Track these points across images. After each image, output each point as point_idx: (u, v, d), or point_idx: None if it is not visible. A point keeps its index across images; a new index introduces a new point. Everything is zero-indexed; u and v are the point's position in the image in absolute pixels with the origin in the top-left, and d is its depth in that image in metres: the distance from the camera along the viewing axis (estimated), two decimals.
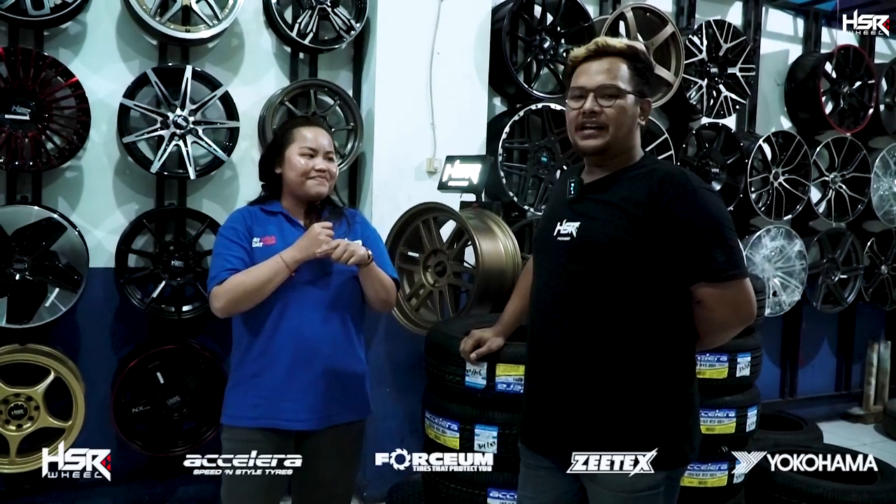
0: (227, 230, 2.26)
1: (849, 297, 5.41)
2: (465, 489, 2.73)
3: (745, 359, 3.17)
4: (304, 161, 2.25)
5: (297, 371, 2.20)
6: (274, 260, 2.15)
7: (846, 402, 5.94)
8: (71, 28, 3.48)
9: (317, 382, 2.22)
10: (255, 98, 3.79)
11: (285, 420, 2.21)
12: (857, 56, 5.25)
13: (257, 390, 2.21)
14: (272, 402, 2.19)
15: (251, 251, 2.22)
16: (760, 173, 4.98)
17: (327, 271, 2.25)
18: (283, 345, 2.19)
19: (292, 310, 2.20)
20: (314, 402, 2.22)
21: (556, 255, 1.92)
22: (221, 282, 2.15)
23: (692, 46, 4.58)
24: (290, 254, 2.15)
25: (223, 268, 2.17)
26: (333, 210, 2.36)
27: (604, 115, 1.85)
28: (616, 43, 1.88)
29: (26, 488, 3.46)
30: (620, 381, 1.82)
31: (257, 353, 2.21)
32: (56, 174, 3.48)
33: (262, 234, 2.25)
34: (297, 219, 2.31)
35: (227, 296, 2.14)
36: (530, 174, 4.10)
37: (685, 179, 1.81)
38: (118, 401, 3.39)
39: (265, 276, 2.14)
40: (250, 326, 2.23)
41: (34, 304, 3.20)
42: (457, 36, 3.91)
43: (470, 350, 2.46)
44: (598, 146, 1.87)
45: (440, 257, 3.38)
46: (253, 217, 2.29)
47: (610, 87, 1.84)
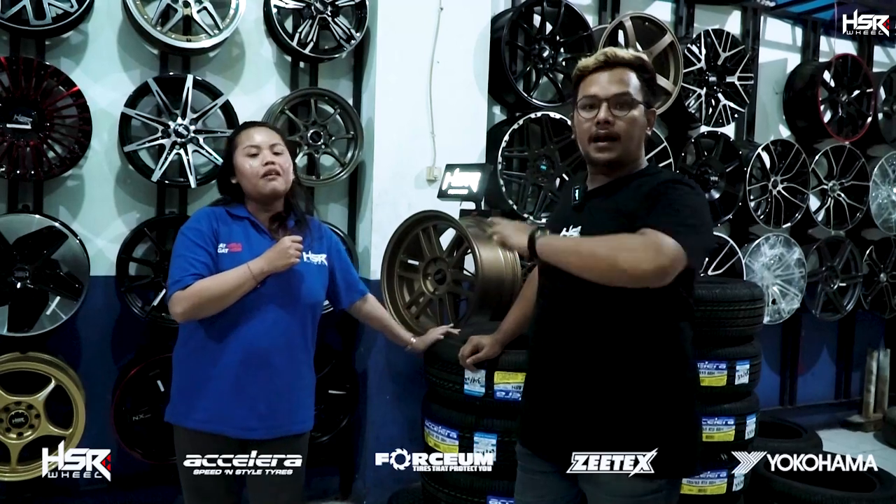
0: (190, 231, 2.22)
1: (848, 305, 5.41)
2: (464, 497, 2.73)
3: (743, 366, 3.17)
4: (251, 161, 2.23)
5: (247, 380, 2.19)
6: (241, 270, 2.14)
7: (846, 410, 5.93)
8: (73, 38, 3.50)
9: (267, 393, 2.20)
10: (256, 107, 3.81)
11: (234, 428, 2.21)
12: (856, 65, 5.27)
13: (207, 394, 2.20)
14: (222, 408, 2.19)
15: (216, 257, 2.20)
16: (759, 181, 5.00)
17: (290, 284, 2.24)
18: (235, 353, 2.18)
19: (250, 319, 2.19)
20: (263, 412, 2.21)
21: None
22: (185, 287, 2.13)
23: (691, 55, 4.60)
24: (258, 265, 2.14)
25: (187, 272, 2.14)
26: (298, 219, 2.35)
27: (616, 125, 1.86)
28: (625, 54, 1.90)
29: (27, 496, 3.47)
30: (622, 386, 1.83)
31: (209, 357, 2.20)
32: (57, 183, 3.49)
33: (228, 239, 2.23)
34: (263, 224, 2.29)
35: (190, 301, 2.12)
36: (530, 182, 4.12)
37: (674, 175, 1.85)
38: (119, 409, 3.40)
39: (230, 286, 2.13)
40: (206, 330, 2.21)
41: (35, 313, 3.21)
42: (456, 45, 3.93)
43: (467, 356, 2.47)
44: (612, 158, 1.88)
45: (440, 265, 3.38)
46: (219, 219, 2.26)
47: (625, 94, 1.85)
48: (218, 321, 2.19)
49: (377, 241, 3.76)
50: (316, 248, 2.35)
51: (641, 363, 1.83)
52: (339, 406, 3.85)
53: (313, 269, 2.33)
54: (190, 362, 2.26)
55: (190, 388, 2.24)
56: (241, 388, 2.19)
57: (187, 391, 2.25)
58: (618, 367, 1.84)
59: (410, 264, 3.51)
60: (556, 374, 1.92)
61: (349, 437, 4.00)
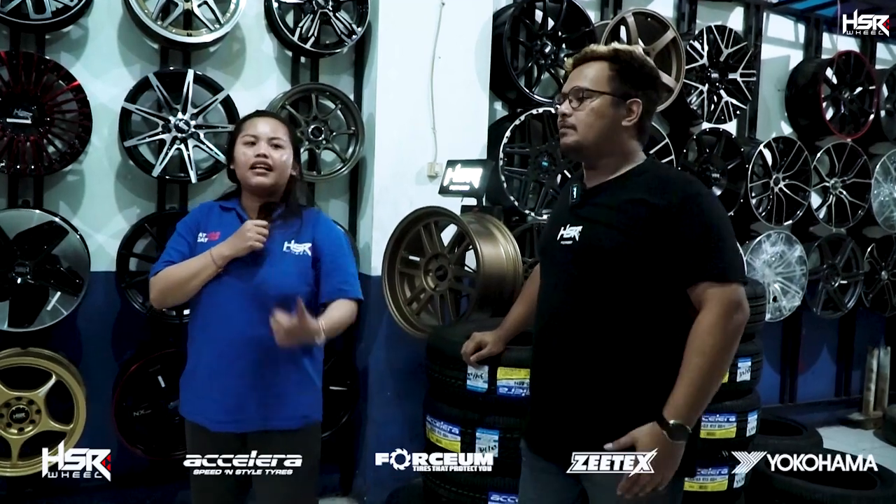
0: (180, 224, 2.30)
1: (849, 303, 5.41)
2: (465, 493, 2.73)
3: (745, 364, 3.17)
4: (245, 151, 2.20)
5: (220, 371, 2.16)
6: (203, 255, 2.16)
7: (846, 408, 5.93)
8: (72, 32, 3.49)
9: (237, 387, 2.15)
10: (257, 102, 3.79)
11: (208, 420, 2.20)
12: (858, 62, 5.26)
13: (191, 385, 2.26)
14: (199, 399, 2.22)
15: (194, 246, 2.22)
16: (761, 179, 4.99)
17: (260, 277, 2.16)
18: (209, 344, 2.19)
19: (224, 313, 2.16)
20: (231, 406, 2.17)
21: (559, 260, 1.93)
22: (157, 273, 2.20)
23: (693, 52, 4.58)
24: (219, 250, 2.14)
25: (162, 259, 2.22)
26: (288, 208, 2.26)
27: (573, 116, 1.89)
28: (601, 48, 1.92)
29: (28, 492, 3.47)
30: (623, 385, 1.82)
31: (194, 350, 2.26)
32: (57, 178, 3.48)
33: (208, 229, 2.24)
34: (250, 216, 2.23)
35: (157, 286, 2.19)
36: (531, 179, 4.11)
37: (688, 184, 1.82)
38: (119, 404, 3.39)
39: (191, 271, 2.15)
40: (191, 323, 2.28)
41: (36, 308, 3.21)
42: (458, 41, 3.92)
43: (470, 353, 2.47)
44: (569, 144, 1.91)
45: (441, 262, 3.38)
46: (208, 212, 2.30)
47: (578, 89, 1.89)
48: (199, 315, 2.23)
49: (378, 237, 3.76)
50: (301, 238, 2.24)
51: (642, 362, 1.83)
52: (339, 403, 3.85)
53: (290, 259, 2.20)
54: (187, 355, 2.31)
55: (185, 376, 2.31)
56: (213, 381, 2.18)
57: (182, 382, 2.32)
58: (618, 366, 1.83)
59: (411, 261, 3.51)
60: (558, 373, 1.92)
61: (350, 433, 3.99)
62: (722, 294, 1.74)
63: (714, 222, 1.78)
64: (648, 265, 1.80)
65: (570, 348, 1.88)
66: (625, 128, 1.90)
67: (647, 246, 1.78)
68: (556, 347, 1.92)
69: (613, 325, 1.83)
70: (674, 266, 1.79)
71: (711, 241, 1.76)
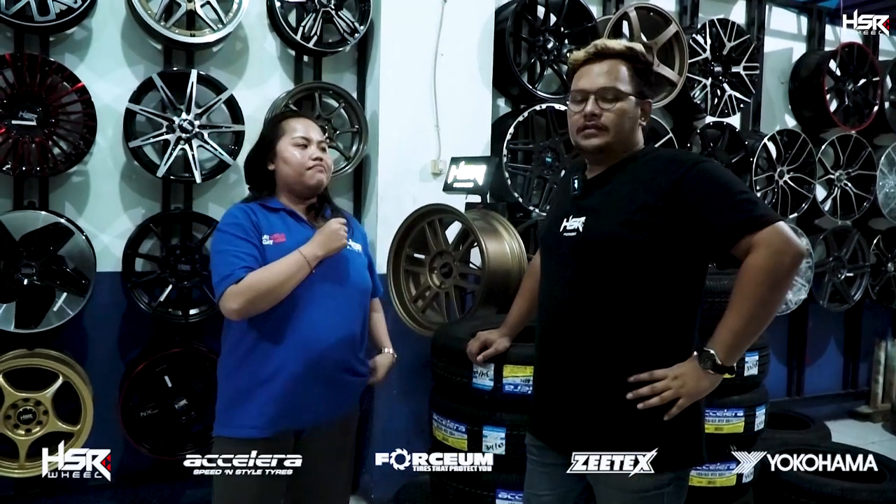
0: (231, 227, 2.10)
1: (855, 296, 5.39)
2: (472, 490, 2.73)
3: (752, 358, 3.16)
4: (299, 152, 2.17)
5: (307, 373, 2.09)
6: (294, 257, 2.04)
7: (853, 401, 5.92)
8: (76, 33, 3.49)
9: (324, 382, 2.13)
10: (260, 101, 3.80)
11: (294, 421, 2.13)
12: (862, 53, 5.24)
13: (263, 397, 2.08)
14: (283, 405, 2.09)
15: (262, 249, 2.08)
16: (765, 172, 4.97)
17: (342, 270, 2.18)
18: (295, 347, 2.08)
19: (307, 310, 2.09)
20: (318, 400, 2.13)
21: (563, 252, 1.92)
22: (238, 280, 1.99)
23: (696, 45, 4.57)
24: (311, 250, 2.06)
25: (237, 266, 2.02)
26: (334, 210, 2.29)
27: (604, 117, 1.86)
28: (615, 45, 1.89)
29: (35, 492, 3.48)
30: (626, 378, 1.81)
31: (266, 358, 2.09)
32: (63, 179, 3.49)
33: (270, 230, 2.12)
34: (301, 214, 2.21)
35: (246, 295, 1.99)
36: (535, 175, 4.10)
37: (687, 157, 1.84)
38: (126, 404, 3.40)
39: (286, 274, 2.02)
40: (258, 330, 2.09)
41: (42, 309, 3.22)
42: (460, 37, 3.91)
43: (476, 352, 2.47)
44: (599, 145, 1.87)
45: (446, 259, 3.38)
46: (256, 212, 2.15)
47: (610, 89, 1.85)
48: (271, 318, 2.07)
49: (383, 235, 3.76)
50: (355, 237, 2.29)
51: (646, 354, 1.82)
52: None
53: (358, 257, 2.26)
54: (242, 370, 2.12)
55: (243, 396, 2.11)
56: (302, 384, 2.09)
57: (239, 399, 2.11)
58: (622, 358, 1.82)
59: (416, 258, 3.51)
60: (561, 366, 1.91)
61: (356, 430, 3.99)
62: (768, 236, 1.67)
63: (728, 179, 1.75)
64: (659, 250, 1.78)
65: (575, 340, 1.87)
66: (639, 127, 1.92)
67: (659, 229, 1.76)
68: (560, 339, 1.91)
69: (618, 315, 1.82)
70: (700, 238, 1.76)
71: (733, 195, 1.72)
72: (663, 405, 1.77)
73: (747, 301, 1.70)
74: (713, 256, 1.86)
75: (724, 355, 1.73)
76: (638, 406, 1.77)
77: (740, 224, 1.70)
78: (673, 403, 1.77)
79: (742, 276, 1.71)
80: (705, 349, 1.75)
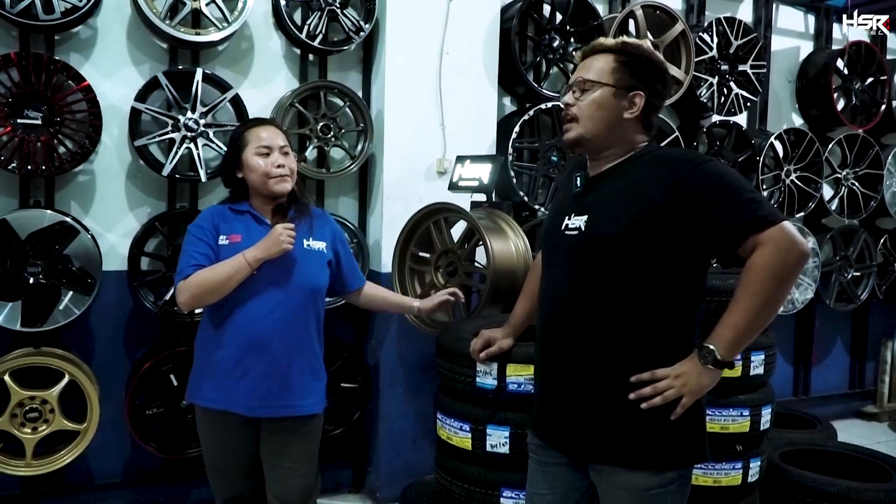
0: (194, 228, 2.39)
1: (862, 295, 5.37)
2: (477, 489, 2.73)
3: (758, 357, 3.15)
4: (262, 161, 2.37)
5: (247, 362, 2.32)
6: (236, 258, 2.28)
7: (860, 401, 5.91)
8: (81, 32, 3.49)
9: (266, 375, 2.33)
10: (266, 100, 3.80)
11: (239, 406, 2.35)
12: (869, 52, 5.22)
13: (214, 374, 2.36)
14: (227, 387, 2.34)
15: (217, 248, 2.35)
16: (772, 171, 4.96)
17: (288, 270, 2.36)
18: (237, 337, 2.33)
19: (249, 305, 2.32)
20: (263, 393, 2.34)
21: (564, 250, 1.92)
22: (186, 277, 2.29)
23: (702, 44, 4.56)
24: (252, 253, 2.28)
25: (188, 263, 2.31)
26: (298, 208, 2.47)
27: (575, 107, 1.91)
28: (606, 41, 1.94)
29: (42, 491, 3.49)
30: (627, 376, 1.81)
31: (215, 341, 2.36)
32: (68, 178, 3.49)
33: (228, 231, 2.38)
34: (265, 217, 2.43)
35: (191, 290, 2.28)
36: (540, 174, 4.10)
37: (690, 156, 1.84)
38: (132, 403, 3.41)
39: (227, 274, 2.27)
40: (212, 316, 2.39)
41: (48, 308, 3.22)
42: (466, 36, 3.91)
43: (479, 350, 2.46)
44: (572, 138, 1.92)
45: (451, 258, 3.37)
46: (221, 215, 2.42)
47: (580, 80, 1.91)
48: (222, 308, 2.34)
49: (388, 233, 3.76)
50: (317, 235, 2.47)
51: (647, 353, 1.81)
52: (351, 399, 3.86)
53: (313, 255, 2.44)
54: (201, 347, 2.43)
55: (201, 370, 2.42)
56: (242, 370, 2.33)
57: (199, 372, 2.43)
58: (623, 358, 1.82)
59: (422, 257, 3.50)
60: (562, 366, 1.91)
61: (361, 430, 4.00)
62: (774, 235, 1.68)
63: (732, 179, 1.75)
64: (662, 249, 1.77)
65: (576, 340, 1.87)
66: (627, 120, 1.90)
67: (662, 229, 1.76)
68: (561, 339, 1.91)
69: (619, 314, 1.82)
70: (704, 237, 1.76)
71: (738, 195, 1.72)
72: (665, 405, 1.77)
73: (751, 297, 1.71)
74: (717, 256, 1.86)
75: (724, 350, 1.74)
76: (641, 406, 1.77)
77: (746, 223, 1.70)
78: (677, 403, 1.76)
79: (747, 273, 1.71)
80: (705, 345, 1.76)
